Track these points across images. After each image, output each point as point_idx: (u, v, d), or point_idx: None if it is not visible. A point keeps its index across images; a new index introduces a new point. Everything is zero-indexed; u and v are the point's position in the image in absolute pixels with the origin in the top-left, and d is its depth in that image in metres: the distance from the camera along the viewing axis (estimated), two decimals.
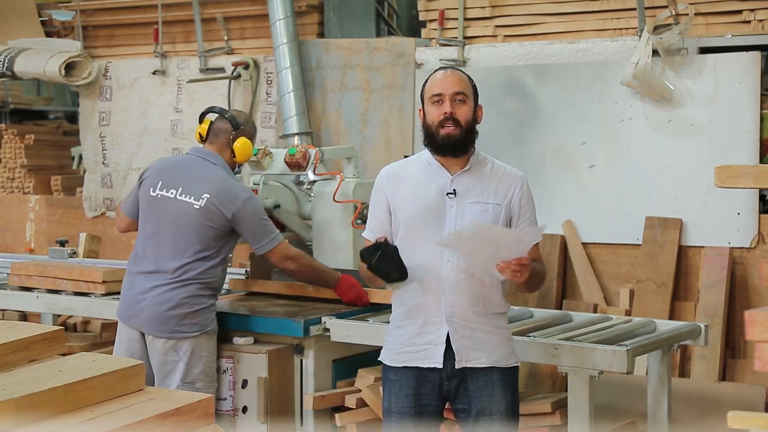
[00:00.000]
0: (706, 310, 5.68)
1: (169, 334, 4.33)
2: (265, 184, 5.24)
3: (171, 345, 4.34)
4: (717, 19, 5.86)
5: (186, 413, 2.49)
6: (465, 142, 3.49)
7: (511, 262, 3.28)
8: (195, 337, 4.35)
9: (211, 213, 4.38)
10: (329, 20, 7.13)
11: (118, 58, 7.90)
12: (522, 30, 6.45)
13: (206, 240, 4.39)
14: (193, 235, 4.38)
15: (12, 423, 2.24)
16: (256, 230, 4.46)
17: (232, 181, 4.51)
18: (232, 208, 4.38)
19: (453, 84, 3.49)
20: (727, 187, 3.04)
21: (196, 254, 4.38)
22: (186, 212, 4.39)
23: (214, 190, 4.40)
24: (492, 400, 3.49)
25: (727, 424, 2.12)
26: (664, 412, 4.37)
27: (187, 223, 4.38)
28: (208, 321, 4.41)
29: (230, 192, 4.42)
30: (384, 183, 3.59)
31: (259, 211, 4.51)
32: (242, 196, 4.43)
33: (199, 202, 4.38)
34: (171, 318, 4.33)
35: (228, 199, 4.39)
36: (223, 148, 4.56)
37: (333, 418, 4.53)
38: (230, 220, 4.39)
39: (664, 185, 5.96)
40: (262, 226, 4.48)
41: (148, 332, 4.37)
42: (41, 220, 8.13)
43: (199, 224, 4.38)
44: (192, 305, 4.35)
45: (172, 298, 4.34)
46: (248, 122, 4.69)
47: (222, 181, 4.45)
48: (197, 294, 4.37)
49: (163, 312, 4.34)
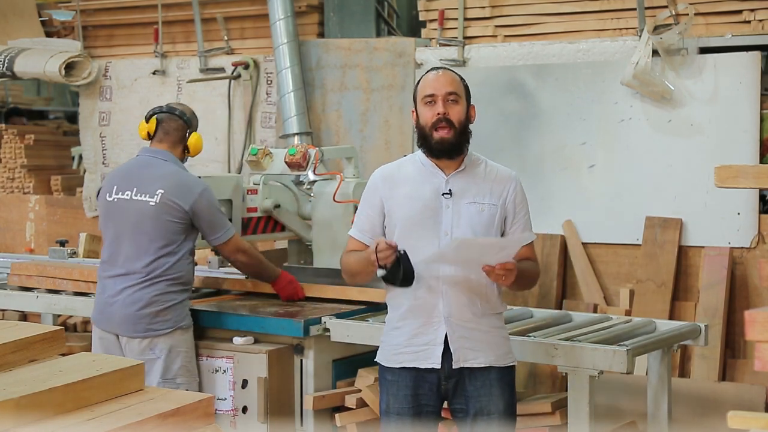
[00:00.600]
0: (706, 310, 5.68)
1: (144, 333, 4.40)
2: (265, 184, 5.24)
3: (147, 344, 4.40)
4: (717, 19, 5.86)
5: (186, 413, 2.49)
6: (459, 144, 3.50)
7: (495, 266, 3.31)
8: (169, 334, 4.42)
9: (168, 207, 4.44)
10: (329, 20, 7.13)
11: (118, 58, 7.90)
12: (522, 30, 6.45)
13: (167, 235, 4.45)
14: (153, 232, 4.45)
15: (12, 423, 2.24)
16: (211, 221, 4.53)
17: (185, 175, 4.59)
18: (189, 200, 4.46)
19: (445, 84, 3.49)
20: (727, 187, 3.04)
21: (160, 251, 4.44)
22: (143, 211, 4.46)
23: (168, 185, 4.47)
24: (490, 399, 3.49)
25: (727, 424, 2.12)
26: (664, 412, 4.37)
27: (146, 222, 4.46)
28: (181, 317, 4.47)
29: (185, 185, 4.50)
30: (378, 184, 3.58)
31: (215, 202, 4.59)
32: (198, 188, 4.51)
33: (154, 198, 4.46)
34: (143, 317, 4.40)
35: (183, 192, 4.47)
36: (174, 145, 4.64)
37: (333, 418, 4.53)
38: (188, 212, 4.46)
39: (664, 185, 5.96)
40: (217, 217, 4.56)
41: (122, 334, 4.43)
42: (41, 220, 8.12)
43: (157, 220, 4.45)
44: (163, 302, 4.42)
45: (142, 297, 4.41)
46: (194, 116, 4.78)
47: (175, 175, 4.53)
48: (167, 291, 4.44)
49: (134, 312, 4.40)
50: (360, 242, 3.58)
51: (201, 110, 7.47)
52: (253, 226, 5.22)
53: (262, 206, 5.21)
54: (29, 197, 8.24)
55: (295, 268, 5.29)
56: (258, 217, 5.24)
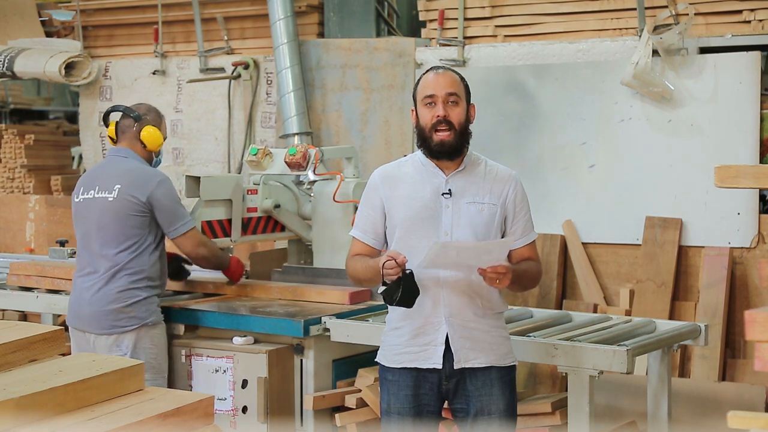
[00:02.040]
0: (706, 310, 5.68)
1: (110, 330, 4.46)
2: (265, 184, 5.24)
3: (113, 340, 4.45)
4: (717, 19, 5.86)
5: (186, 413, 2.49)
6: (459, 146, 3.49)
7: (487, 269, 3.31)
8: (134, 331, 4.46)
9: (126, 201, 4.49)
10: (329, 20, 7.13)
11: (118, 58, 7.90)
12: (522, 30, 6.45)
13: (128, 230, 4.49)
14: (113, 228, 4.50)
15: (12, 423, 2.24)
16: (169, 212, 4.55)
17: (143, 168, 4.63)
18: (146, 191, 4.50)
19: (445, 85, 3.48)
20: (727, 187, 3.04)
21: (121, 246, 4.49)
22: (103, 207, 4.52)
23: (125, 180, 4.53)
24: (490, 399, 3.49)
25: (727, 424, 2.12)
26: (664, 412, 4.37)
27: (106, 218, 4.52)
28: (147, 313, 4.50)
29: (141, 178, 4.55)
30: (378, 184, 3.58)
31: (173, 194, 4.61)
32: (155, 179, 4.56)
33: (112, 194, 4.52)
34: (108, 314, 4.45)
35: (139, 184, 4.52)
36: (132, 142, 4.69)
37: (333, 418, 4.53)
38: (146, 203, 4.50)
39: (664, 185, 5.95)
40: (176, 209, 4.58)
41: (91, 331, 4.48)
42: (41, 220, 8.12)
43: (117, 216, 4.50)
44: (126, 299, 4.47)
45: (107, 294, 4.47)
46: (150, 111, 4.79)
47: (133, 170, 4.59)
48: (130, 287, 4.48)
49: (100, 309, 4.46)
50: (363, 243, 3.58)
51: (201, 110, 7.51)
52: (253, 226, 5.23)
53: (262, 206, 5.21)
54: (29, 197, 8.24)
55: (295, 268, 5.29)
56: (258, 217, 5.24)
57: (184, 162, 7.55)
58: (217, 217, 5.05)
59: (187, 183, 5.01)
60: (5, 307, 5.66)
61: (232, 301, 4.99)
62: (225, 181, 5.11)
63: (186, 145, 7.55)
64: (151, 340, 4.50)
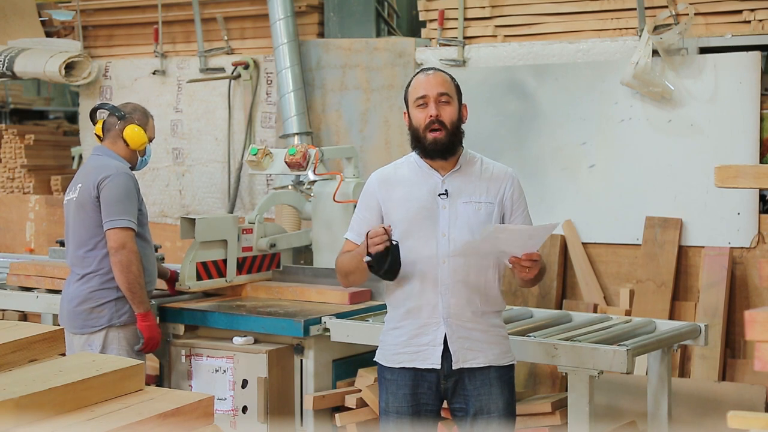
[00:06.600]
0: (706, 310, 5.68)
1: (81, 330, 4.48)
2: (260, 222, 5.24)
3: (84, 340, 4.48)
4: (717, 19, 5.86)
5: (186, 413, 2.49)
6: (452, 145, 3.49)
7: (521, 258, 3.30)
8: (102, 331, 4.46)
9: (85, 199, 4.49)
10: (329, 20, 7.13)
11: (118, 58, 7.90)
12: (522, 30, 6.45)
13: (92, 228, 4.48)
14: (80, 227, 4.51)
15: (12, 423, 2.24)
16: (109, 204, 4.44)
17: (106, 163, 4.56)
18: (97, 184, 4.46)
19: (436, 85, 3.48)
20: (727, 187, 3.04)
21: (89, 245, 4.49)
22: (72, 208, 4.55)
23: (87, 178, 4.52)
24: (489, 398, 3.49)
25: (727, 424, 2.12)
26: (664, 412, 4.37)
27: (72, 218, 4.54)
28: (117, 314, 4.49)
29: (99, 173, 4.49)
30: (375, 187, 3.58)
31: (122, 190, 4.46)
32: (110, 171, 4.49)
33: (75, 193, 4.53)
34: (80, 313, 4.49)
35: (95, 178, 4.48)
36: (115, 141, 4.67)
37: (333, 418, 4.54)
38: (97, 197, 4.47)
39: (664, 185, 5.95)
40: (117, 203, 4.44)
41: (67, 329, 4.49)
42: (41, 220, 8.12)
43: (81, 215, 4.50)
44: (97, 299, 4.48)
45: (78, 293, 4.50)
46: (135, 110, 4.76)
47: (96, 167, 4.54)
48: (100, 288, 4.48)
49: (73, 308, 4.50)
50: (355, 245, 3.57)
51: (201, 110, 7.51)
52: (248, 266, 5.19)
53: (258, 246, 5.19)
54: (29, 197, 8.24)
55: (295, 268, 5.29)
56: (253, 257, 5.21)
57: (184, 162, 7.55)
58: (213, 258, 5.03)
59: (183, 225, 4.97)
60: (5, 307, 5.66)
61: (232, 301, 5.00)
62: (220, 222, 5.09)
63: (186, 145, 7.55)
64: (119, 341, 4.48)
